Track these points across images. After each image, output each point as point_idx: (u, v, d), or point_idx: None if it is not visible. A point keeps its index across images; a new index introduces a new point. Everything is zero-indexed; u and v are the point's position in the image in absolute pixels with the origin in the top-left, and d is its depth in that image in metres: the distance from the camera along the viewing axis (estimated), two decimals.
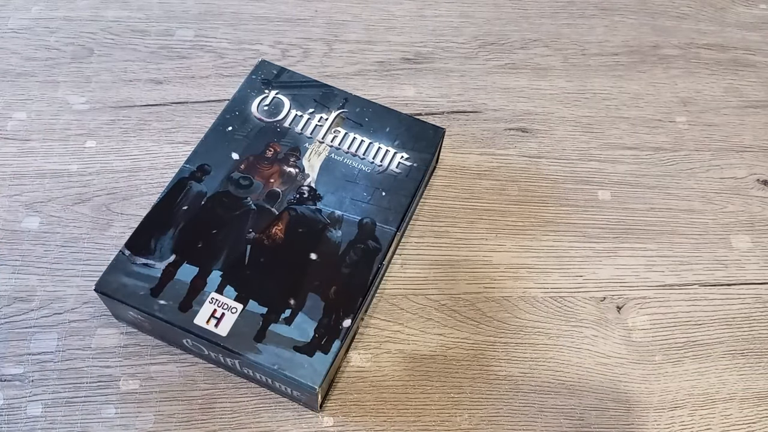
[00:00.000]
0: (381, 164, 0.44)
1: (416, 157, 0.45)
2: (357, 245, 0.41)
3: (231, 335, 0.37)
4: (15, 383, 0.40)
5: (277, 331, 0.37)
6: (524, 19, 0.61)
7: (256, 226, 0.41)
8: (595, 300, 0.46)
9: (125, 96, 0.53)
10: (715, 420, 0.42)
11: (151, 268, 0.39)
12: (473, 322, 0.44)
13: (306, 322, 0.38)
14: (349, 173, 0.44)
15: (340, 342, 0.37)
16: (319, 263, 0.40)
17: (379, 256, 0.40)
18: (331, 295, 0.39)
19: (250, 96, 0.46)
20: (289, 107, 0.46)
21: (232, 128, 0.44)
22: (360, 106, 0.47)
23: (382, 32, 0.59)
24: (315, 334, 0.37)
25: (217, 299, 0.38)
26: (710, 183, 0.52)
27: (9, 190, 0.47)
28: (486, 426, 0.41)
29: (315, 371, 0.36)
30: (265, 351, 0.37)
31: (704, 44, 0.61)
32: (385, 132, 0.46)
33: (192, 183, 0.42)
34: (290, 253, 0.40)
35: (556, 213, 0.49)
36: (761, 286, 0.47)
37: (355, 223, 0.42)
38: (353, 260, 0.40)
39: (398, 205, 0.43)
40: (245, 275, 0.39)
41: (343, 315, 0.38)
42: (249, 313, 0.38)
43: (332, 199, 0.42)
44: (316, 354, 0.37)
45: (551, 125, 0.54)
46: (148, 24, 0.57)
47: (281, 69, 0.48)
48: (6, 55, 0.54)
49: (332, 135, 0.45)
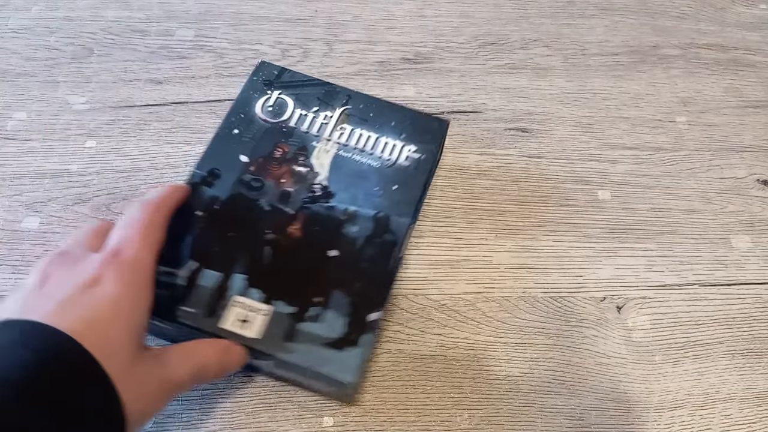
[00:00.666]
0: (389, 158, 0.44)
1: (423, 149, 0.45)
2: (374, 239, 0.41)
3: (260, 337, 0.37)
4: None
5: (306, 329, 0.38)
6: (524, 19, 0.61)
7: (272, 226, 0.41)
8: (595, 300, 0.46)
9: (125, 96, 0.53)
10: (715, 420, 0.42)
11: (173, 276, 0.38)
12: (473, 322, 0.44)
13: (334, 318, 0.38)
14: (359, 169, 0.44)
15: (369, 335, 0.38)
16: (339, 259, 0.40)
17: (397, 248, 0.41)
18: (356, 289, 0.39)
19: (253, 98, 0.46)
20: (293, 107, 0.46)
21: (238, 131, 0.44)
22: (363, 102, 0.47)
23: (382, 32, 0.59)
24: (344, 330, 0.38)
25: (243, 302, 0.38)
26: (710, 183, 0.52)
27: (9, 190, 0.47)
28: (486, 426, 0.41)
29: (348, 366, 0.37)
30: (297, 350, 0.37)
31: (704, 44, 0.61)
32: (390, 126, 0.46)
33: (203, 188, 0.42)
34: (310, 252, 0.40)
35: (556, 213, 0.49)
36: (761, 286, 0.47)
37: (370, 217, 0.42)
38: (372, 254, 0.40)
39: (410, 197, 0.43)
40: (268, 276, 0.39)
41: (369, 308, 0.39)
42: (276, 313, 0.38)
43: (345, 196, 0.43)
44: (348, 349, 0.37)
45: (551, 125, 0.54)
46: (148, 24, 0.57)
47: (282, 69, 0.48)
48: (6, 55, 0.55)
49: (338, 132, 0.45)
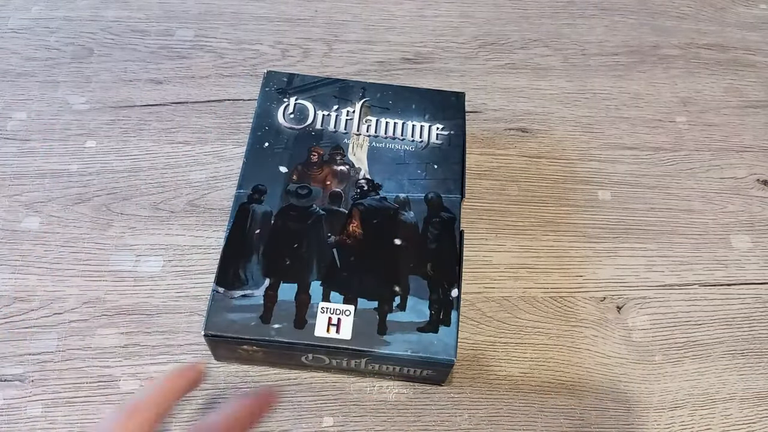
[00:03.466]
0: (422, 140, 0.45)
1: (450, 125, 0.46)
2: (433, 220, 0.42)
3: (355, 337, 0.37)
4: (15, 383, 0.40)
5: (395, 319, 0.38)
6: (524, 19, 0.61)
7: (332, 229, 0.41)
8: (595, 300, 0.46)
9: (125, 96, 0.53)
10: (715, 420, 0.42)
11: (252, 298, 0.38)
12: (473, 322, 0.44)
13: (418, 303, 0.39)
14: (396, 156, 0.44)
15: (455, 312, 0.39)
16: (405, 247, 0.41)
17: (457, 223, 0.42)
18: (429, 271, 0.40)
19: (272, 108, 0.46)
20: (313, 110, 0.46)
21: (269, 143, 0.44)
22: (380, 91, 0.47)
23: (382, 32, 0.59)
24: (431, 311, 0.38)
25: (328, 307, 0.38)
26: (710, 183, 0.52)
27: (9, 190, 0.47)
28: (486, 426, 0.41)
29: (447, 345, 0.38)
30: (392, 341, 0.37)
31: (704, 44, 0.61)
32: (412, 109, 0.46)
33: (253, 206, 0.42)
34: (375, 245, 0.41)
35: (556, 213, 0.49)
36: (761, 286, 0.47)
37: (422, 200, 0.43)
38: (435, 234, 0.41)
39: (453, 173, 0.44)
40: (343, 278, 0.40)
41: (448, 286, 0.39)
42: (362, 311, 0.38)
43: (391, 185, 0.43)
44: (441, 329, 0.38)
45: (551, 125, 0.54)
46: (148, 24, 0.57)
47: (290, 75, 0.48)
48: (6, 55, 0.55)
49: (365, 125, 0.46)
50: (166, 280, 0.44)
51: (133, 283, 0.44)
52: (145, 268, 0.45)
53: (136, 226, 0.46)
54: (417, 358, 0.37)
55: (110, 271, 0.45)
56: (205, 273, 0.45)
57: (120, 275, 0.44)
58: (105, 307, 0.43)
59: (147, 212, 0.47)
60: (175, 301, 0.44)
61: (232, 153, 0.50)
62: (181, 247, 0.46)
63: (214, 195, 0.48)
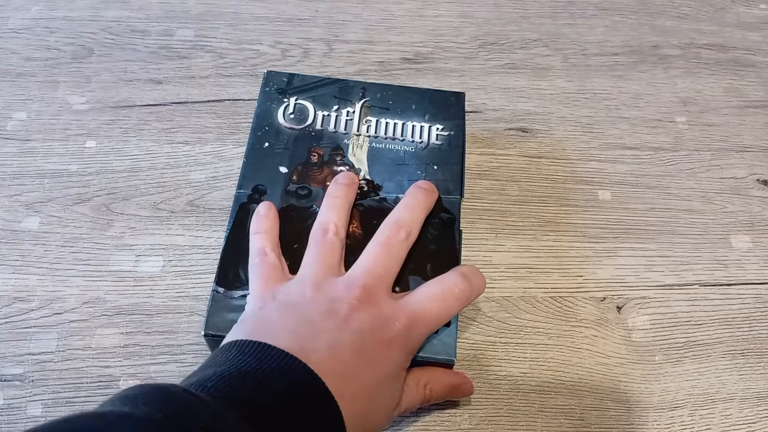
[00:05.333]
0: (421, 141, 0.45)
1: (450, 125, 0.46)
2: (432, 220, 0.42)
3: None
4: (15, 383, 0.40)
5: None
6: (524, 19, 0.61)
7: None
8: (595, 300, 0.46)
9: (125, 96, 0.53)
10: (715, 420, 0.42)
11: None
12: (473, 322, 0.44)
13: None
14: (396, 157, 0.44)
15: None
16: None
17: (456, 224, 0.42)
18: (429, 272, 0.40)
19: (272, 108, 0.46)
20: (313, 110, 0.46)
21: (269, 144, 0.44)
22: (379, 91, 0.47)
23: (382, 32, 0.59)
24: None
25: None
26: (710, 183, 0.52)
27: (9, 190, 0.47)
28: (486, 426, 0.41)
29: (447, 345, 0.37)
30: None
31: (704, 44, 0.61)
32: (412, 110, 0.46)
33: (253, 206, 0.42)
34: None
35: (556, 213, 0.49)
36: (761, 286, 0.47)
37: None
38: (434, 235, 0.41)
39: (453, 173, 0.44)
40: None
41: None
42: None
43: (391, 186, 0.43)
44: (441, 329, 0.38)
45: (551, 125, 0.54)
46: (148, 24, 0.57)
47: (290, 75, 0.47)
48: (6, 55, 0.55)
49: (365, 125, 0.45)
50: (166, 280, 0.44)
51: (133, 283, 0.44)
52: (145, 268, 0.45)
53: (136, 226, 0.46)
54: (417, 358, 0.37)
55: (110, 271, 0.45)
56: (205, 273, 0.45)
57: (120, 275, 0.44)
58: (105, 307, 0.43)
59: (147, 212, 0.47)
60: (175, 301, 0.44)
61: (232, 153, 0.50)
62: (181, 247, 0.46)
63: (214, 195, 0.48)
